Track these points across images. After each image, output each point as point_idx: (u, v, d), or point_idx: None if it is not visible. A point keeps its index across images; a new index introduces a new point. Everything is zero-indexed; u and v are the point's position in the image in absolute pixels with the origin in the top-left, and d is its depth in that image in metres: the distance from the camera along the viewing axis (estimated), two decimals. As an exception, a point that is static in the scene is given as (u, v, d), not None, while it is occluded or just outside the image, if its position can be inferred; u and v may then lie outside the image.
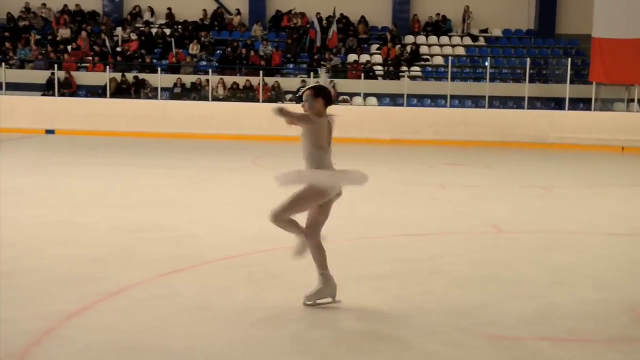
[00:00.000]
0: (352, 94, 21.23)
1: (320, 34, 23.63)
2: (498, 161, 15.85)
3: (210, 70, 21.63)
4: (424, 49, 24.20)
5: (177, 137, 19.21)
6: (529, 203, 10.10)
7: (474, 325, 4.81)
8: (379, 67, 23.27)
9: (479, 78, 22.56)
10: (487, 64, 22.22)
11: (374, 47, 24.27)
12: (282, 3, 25.44)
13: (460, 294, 5.53)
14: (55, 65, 21.29)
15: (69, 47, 23.35)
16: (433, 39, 24.75)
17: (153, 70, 21.85)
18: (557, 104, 21.22)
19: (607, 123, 19.38)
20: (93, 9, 25.58)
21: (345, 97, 21.24)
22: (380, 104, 21.43)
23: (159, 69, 21.37)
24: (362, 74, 21.57)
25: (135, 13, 25.37)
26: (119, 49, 23.47)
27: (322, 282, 5.10)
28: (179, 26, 24.74)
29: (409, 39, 24.54)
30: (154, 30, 24.39)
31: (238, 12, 25.20)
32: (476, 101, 21.36)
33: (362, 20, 24.90)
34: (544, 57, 24.18)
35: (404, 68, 22.66)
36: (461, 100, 21.45)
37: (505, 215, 8.99)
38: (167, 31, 24.42)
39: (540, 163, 15.59)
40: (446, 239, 7.65)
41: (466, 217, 8.85)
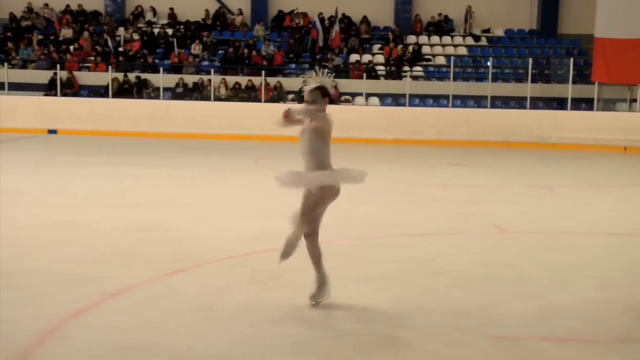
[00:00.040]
0: (354, 94, 21.23)
1: (322, 34, 23.62)
2: (500, 161, 15.83)
3: (212, 71, 21.64)
4: (426, 49, 24.19)
5: (179, 137, 19.21)
6: (531, 203, 10.09)
7: (475, 325, 4.81)
8: (381, 67, 23.26)
9: (481, 78, 22.55)
10: (489, 64, 22.20)
11: (376, 47, 24.25)
12: (284, 3, 25.44)
13: (462, 294, 5.53)
14: (58, 65, 21.30)
15: (72, 47, 23.36)
16: (435, 39, 24.73)
17: (155, 70, 21.86)
18: (559, 104, 21.19)
19: (609, 123, 19.35)
20: (95, 9, 25.59)
21: (347, 97, 21.24)
22: (383, 104, 21.42)
23: (161, 69, 21.39)
24: (364, 74, 21.56)
25: (138, 13, 25.38)
26: (121, 49, 23.48)
27: (321, 279, 5.11)
28: (181, 26, 24.75)
29: (411, 39, 24.52)
30: (156, 30, 24.39)
31: (240, 12, 25.21)
32: (478, 101, 21.35)
33: (364, 20, 24.89)
34: (547, 57, 24.15)
35: (406, 68, 22.65)
36: (463, 101, 21.44)
37: (507, 216, 8.98)
38: (170, 31, 24.43)
39: (543, 163, 15.58)
40: (448, 239, 7.65)
41: (468, 217, 8.85)
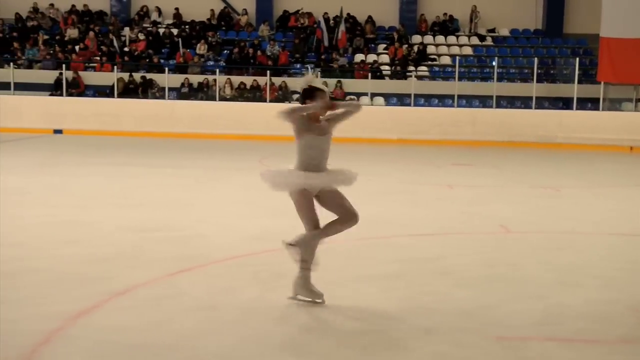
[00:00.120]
0: (359, 94, 21.23)
1: (327, 34, 23.62)
2: (505, 161, 15.81)
3: (217, 70, 21.66)
4: (431, 49, 24.17)
5: (184, 137, 19.24)
6: (536, 203, 10.07)
7: (479, 325, 4.80)
8: (386, 67, 23.25)
9: (486, 78, 22.52)
10: (494, 63, 22.18)
11: (381, 47, 24.25)
12: (289, 3, 25.45)
13: (467, 295, 5.52)
14: (63, 65, 21.36)
15: (77, 47, 23.42)
16: (440, 38, 24.71)
17: (160, 70, 21.90)
18: (564, 103, 21.15)
19: (615, 123, 19.31)
20: (101, 9, 25.65)
21: (352, 97, 21.23)
22: (388, 104, 21.41)
23: (167, 69, 21.42)
24: (369, 74, 21.56)
25: (143, 13, 25.43)
26: (126, 49, 23.53)
27: (303, 278, 5.12)
28: (187, 26, 24.79)
29: (416, 38, 24.51)
30: (161, 30, 24.44)
31: (245, 12, 25.23)
32: (484, 101, 21.32)
33: (369, 20, 24.88)
34: (552, 56, 24.11)
35: (411, 68, 22.64)
36: (468, 100, 21.41)
37: (512, 216, 8.97)
38: (175, 31, 24.47)
39: (548, 163, 15.55)
40: (452, 239, 7.64)
41: (473, 217, 8.83)
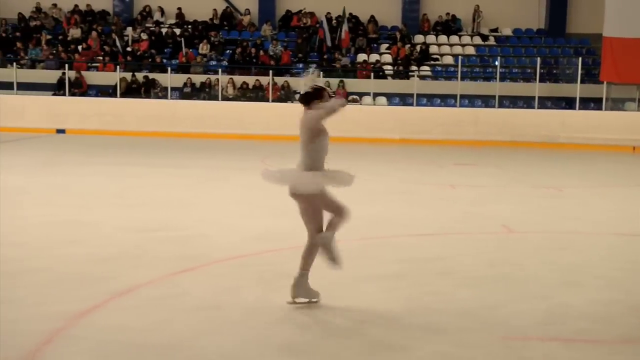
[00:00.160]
0: (361, 94, 21.19)
1: (330, 34, 23.62)
2: (508, 161, 15.79)
3: (220, 70, 21.65)
4: (433, 49, 24.14)
5: (187, 136, 19.24)
6: (539, 203, 10.06)
7: (482, 325, 4.80)
8: (389, 67, 23.23)
9: (489, 78, 22.49)
10: (497, 63, 22.14)
11: (383, 47, 24.22)
12: (291, 3, 25.44)
13: (469, 294, 5.52)
14: (66, 65, 21.36)
15: (80, 47, 23.42)
16: (443, 38, 24.69)
17: (163, 70, 21.90)
18: (567, 103, 21.11)
19: (618, 123, 19.27)
20: (103, 8, 25.65)
21: (354, 97, 21.18)
22: (390, 103, 21.39)
23: (169, 68, 21.42)
24: (372, 74, 21.54)
25: (146, 13, 25.43)
26: (129, 48, 23.53)
27: (301, 280, 5.13)
28: (189, 26, 24.79)
29: (418, 38, 24.49)
30: (164, 30, 24.44)
31: (248, 12, 25.23)
32: (486, 101, 21.29)
33: (372, 19, 24.87)
34: (555, 56, 24.07)
35: (413, 68, 22.62)
36: (471, 100, 21.39)
37: (515, 216, 8.96)
38: (177, 31, 24.46)
39: (551, 163, 15.53)
40: (454, 239, 7.63)
41: (475, 217, 8.83)
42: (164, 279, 5.77)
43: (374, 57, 23.51)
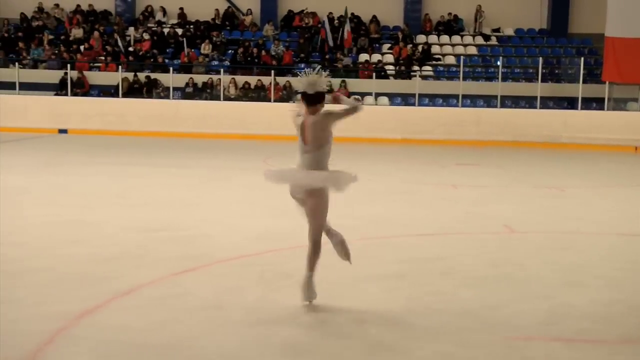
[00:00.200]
0: (363, 94, 21.19)
1: (331, 34, 23.61)
2: (510, 161, 15.78)
3: (222, 70, 21.66)
4: (435, 49, 24.13)
5: (189, 136, 19.25)
6: (541, 203, 10.06)
7: (484, 325, 4.80)
8: (391, 67, 23.22)
9: (491, 78, 22.48)
10: (499, 63, 22.12)
11: (385, 47, 24.22)
12: (293, 3, 25.45)
13: (472, 295, 5.52)
14: (68, 65, 21.38)
15: (82, 47, 23.44)
16: (445, 38, 24.68)
17: (165, 70, 21.91)
18: (569, 103, 21.10)
19: (620, 123, 19.26)
20: (105, 8, 25.67)
21: (356, 96, 21.19)
22: (392, 103, 21.40)
23: (171, 68, 21.43)
24: (374, 74, 21.54)
25: (148, 13, 25.45)
26: (131, 48, 23.55)
27: (308, 282, 5.11)
28: (191, 26, 24.80)
29: (420, 38, 24.48)
30: (166, 30, 24.45)
31: (250, 12, 25.24)
32: (488, 101, 21.28)
33: (374, 19, 24.86)
34: (557, 56, 24.05)
35: (415, 68, 22.61)
36: (473, 100, 21.37)
37: (517, 216, 8.95)
38: (179, 31, 24.48)
39: (553, 163, 15.52)
40: (456, 239, 7.63)
41: (477, 217, 8.82)
42: (165, 279, 5.77)
43: (375, 57, 23.50)
